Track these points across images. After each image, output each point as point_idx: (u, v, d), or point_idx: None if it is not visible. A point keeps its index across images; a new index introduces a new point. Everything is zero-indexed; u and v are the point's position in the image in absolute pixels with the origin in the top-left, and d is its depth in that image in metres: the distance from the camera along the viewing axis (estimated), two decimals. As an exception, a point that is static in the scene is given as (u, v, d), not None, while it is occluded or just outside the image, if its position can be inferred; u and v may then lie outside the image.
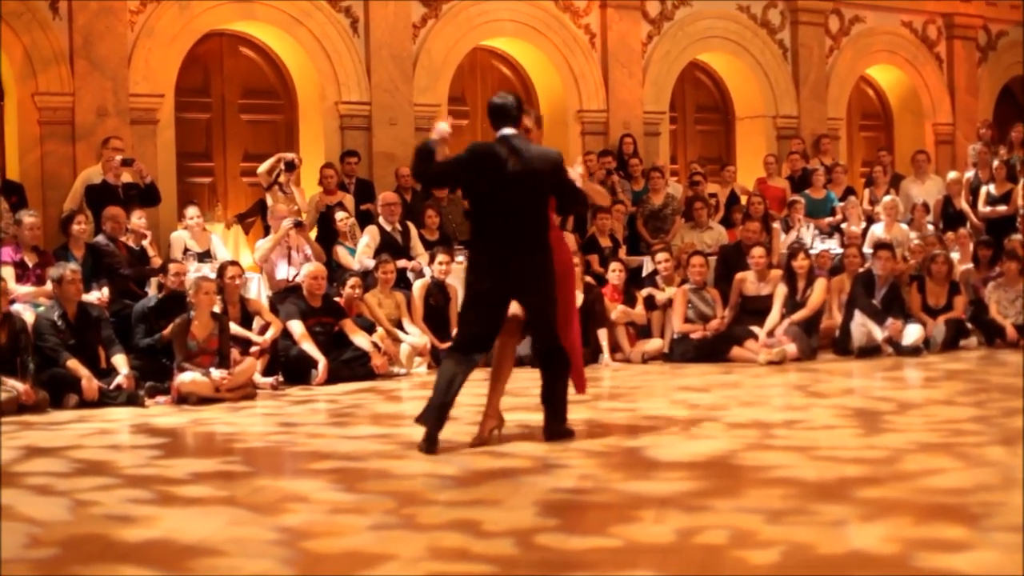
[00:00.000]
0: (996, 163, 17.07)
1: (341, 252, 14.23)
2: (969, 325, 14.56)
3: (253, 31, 16.25)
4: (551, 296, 8.36)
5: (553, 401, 8.49)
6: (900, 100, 21.81)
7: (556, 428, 8.44)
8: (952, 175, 17.75)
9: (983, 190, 16.85)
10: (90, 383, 10.72)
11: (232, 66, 16.35)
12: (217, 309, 11.64)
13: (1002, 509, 6.06)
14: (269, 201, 14.27)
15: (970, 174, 17.56)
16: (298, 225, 13.71)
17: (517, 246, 8.22)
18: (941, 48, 21.80)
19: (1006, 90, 22.89)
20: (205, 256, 13.66)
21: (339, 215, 14.48)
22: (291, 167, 14.33)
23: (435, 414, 8.12)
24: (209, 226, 14.46)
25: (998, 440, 8.13)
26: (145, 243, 13.45)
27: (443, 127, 8.42)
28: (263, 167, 14.36)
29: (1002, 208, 16.47)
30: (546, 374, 8.52)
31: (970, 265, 15.40)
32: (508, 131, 8.34)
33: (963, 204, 17.07)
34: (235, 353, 11.55)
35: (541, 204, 8.33)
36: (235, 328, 11.97)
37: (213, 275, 12.33)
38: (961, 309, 14.36)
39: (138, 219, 13.36)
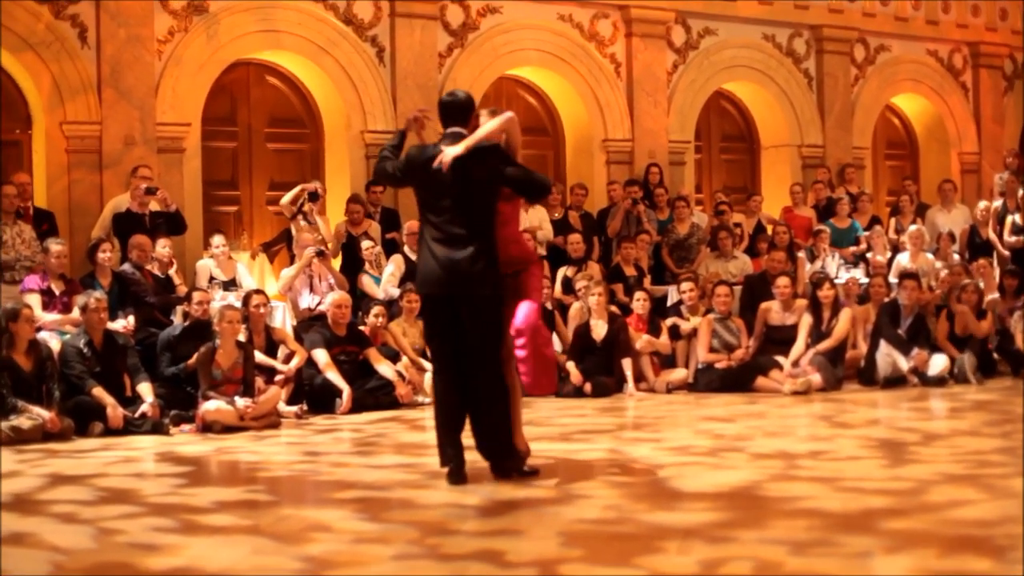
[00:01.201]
0: (1022, 192, 17.01)
1: (366, 281, 14.26)
2: (995, 355, 14.51)
3: (279, 60, 16.33)
4: (491, 310, 7.90)
5: (492, 436, 8.02)
6: (926, 129, 21.77)
7: (504, 465, 7.99)
8: (982, 204, 17.69)
9: (1009, 219, 16.79)
10: (115, 411, 10.74)
11: (258, 95, 16.42)
12: (242, 338, 11.67)
13: (1028, 542, 6.03)
14: (294, 230, 14.31)
15: (997, 203, 17.50)
16: (320, 254, 13.74)
17: (453, 251, 7.84)
18: (967, 77, 21.76)
19: (1032, 119, 22.84)
20: (231, 285, 13.69)
21: (364, 244, 14.50)
22: (315, 197, 14.38)
23: (441, 449, 7.96)
24: (235, 255, 14.49)
25: (1024, 472, 8.09)
26: (171, 271, 13.50)
27: (415, 115, 8.27)
28: (286, 198, 14.41)
29: (1028, 237, 16.42)
30: (474, 408, 7.94)
31: (995, 295, 15.34)
32: (453, 130, 8.09)
33: (990, 233, 17.01)
34: (260, 382, 11.56)
35: (479, 205, 7.91)
36: (260, 357, 11.99)
37: (238, 304, 12.36)
38: (985, 332, 14.32)
39: (163, 247, 13.40)
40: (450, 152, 7.85)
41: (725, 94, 19.85)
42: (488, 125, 8.02)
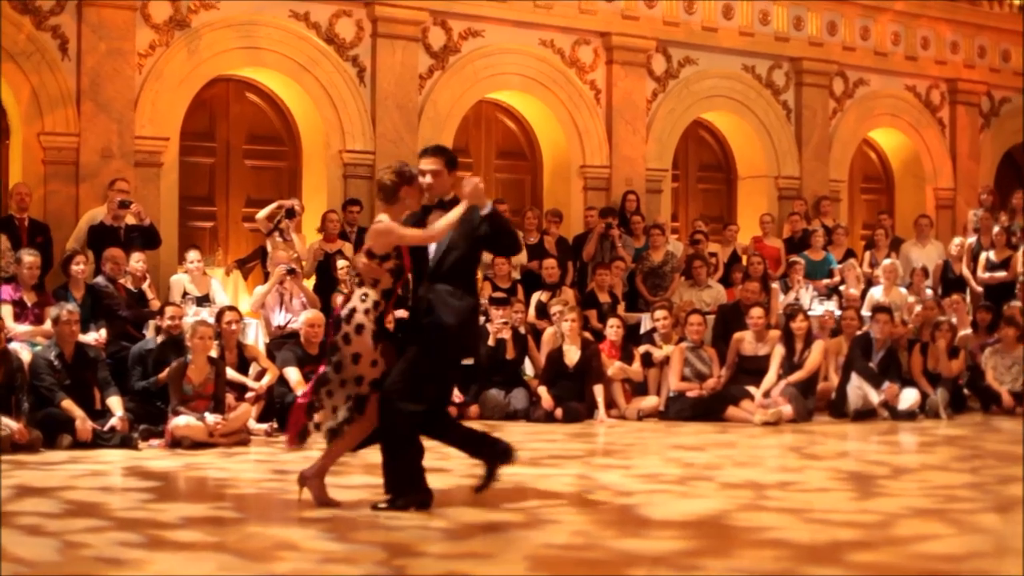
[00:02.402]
0: (997, 229, 17.09)
1: (340, 300, 14.21)
2: (966, 391, 14.58)
3: (260, 77, 16.32)
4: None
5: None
6: (902, 164, 21.85)
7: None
8: (956, 240, 17.77)
9: (983, 256, 16.87)
10: (84, 424, 10.71)
11: (238, 112, 16.42)
12: (214, 354, 11.64)
13: (994, 578, 6.05)
14: (269, 247, 14.29)
15: (971, 239, 17.59)
16: (291, 272, 13.72)
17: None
18: (944, 113, 21.87)
19: (1008, 156, 22.94)
20: (204, 300, 13.66)
21: (339, 263, 14.48)
22: (292, 214, 14.37)
23: (423, 483, 7.95)
24: (209, 271, 14.46)
25: (992, 507, 8.12)
26: (144, 286, 13.46)
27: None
28: (262, 213, 14.38)
29: (1001, 274, 16.49)
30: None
31: (968, 331, 15.40)
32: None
33: (963, 269, 17.09)
34: (230, 398, 11.54)
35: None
36: (231, 373, 11.96)
37: (211, 319, 12.33)
38: (956, 371, 14.39)
39: (137, 261, 13.37)
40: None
41: (703, 124, 19.91)
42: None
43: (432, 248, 7.96)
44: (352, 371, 7.82)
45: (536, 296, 15.21)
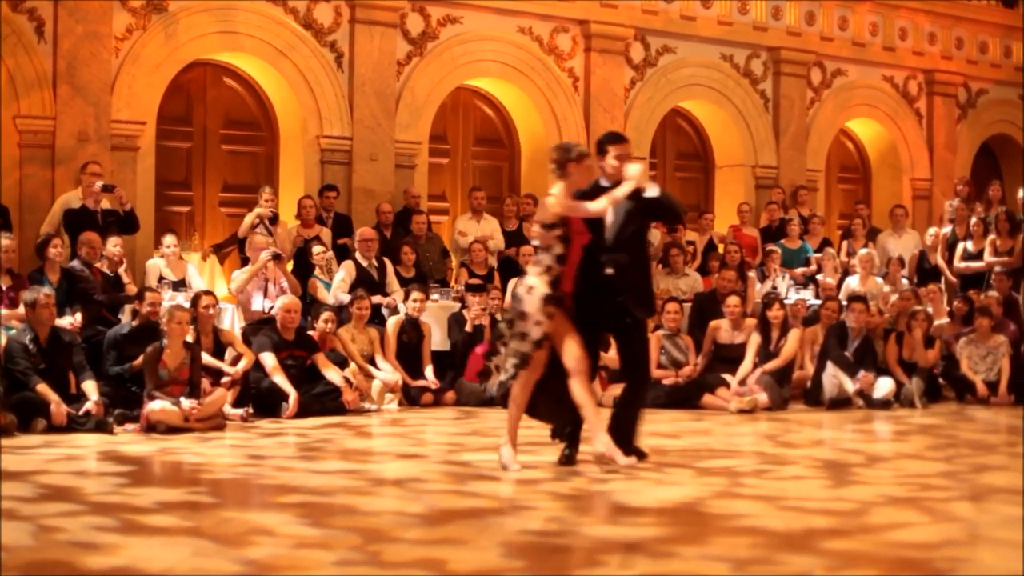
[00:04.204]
0: (973, 220, 17.15)
1: (317, 286, 14.22)
2: (941, 380, 14.63)
3: (238, 62, 16.28)
4: None
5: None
6: (879, 154, 21.91)
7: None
8: (931, 230, 17.83)
9: (959, 246, 16.92)
10: (59, 408, 10.67)
11: (215, 96, 16.37)
12: (190, 339, 11.61)
13: (967, 565, 6.06)
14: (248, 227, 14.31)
15: (947, 230, 17.65)
16: (276, 257, 13.70)
17: None
18: (921, 104, 21.93)
19: (984, 147, 23.03)
20: (180, 285, 13.62)
21: (316, 249, 14.47)
22: (274, 221, 14.37)
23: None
24: (186, 255, 14.43)
25: (965, 496, 8.16)
26: (120, 270, 13.42)
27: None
28: (244, 226, 14.39)
29: (977, 264, 16.54)
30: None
31: (944, 320, 15.45)
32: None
33: (939, 260, 17.14)
34: (206, 383, 11.52)
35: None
36: (207, 358, 11.94)
37: (187, 304, 12.30)
38: (931, 361, 14.45)
39: (113, 246, 13.33)
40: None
41: (681, 112, 19.93)
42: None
43: (608, 221, 8.86)
44: (520, 327, 8.60)
45: (513, 283, 15.18)
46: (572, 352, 8.64)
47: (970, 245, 16.82)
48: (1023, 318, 15.52)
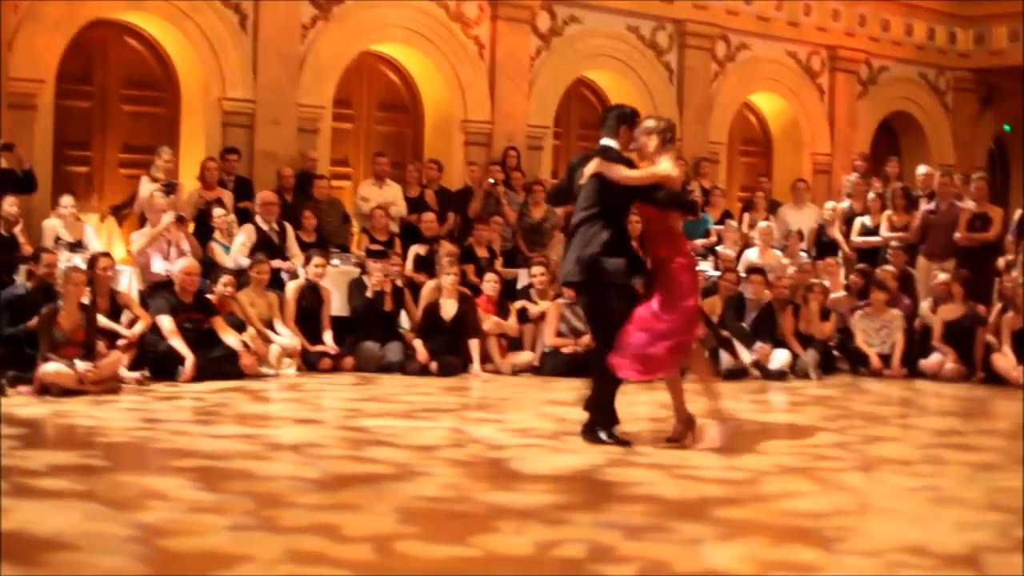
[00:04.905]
0: (871, 195, 17.36)
1: (216, 249, 14.10)
2: (836, 353, 14.82)
3: (140, 22, 16.05)
4: None
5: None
6: (781, 128, 22.09)
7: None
8: (829, 204, 18.01)
9: (857, 221, 17.12)
10: (-49, 369, 10.52)
11: (117, 56, 16.13)
12: (86, 300, 11.48)
13: (856, 534, 6.17)
14: (144, 192, 14.12)
15: (844, 204, 17.85)
16: (180, 220, 13.57)
17: None
18: (824, 79, 22.12)
19: (884, 124, 23.30)
20: (77, 246, 13.44)
21: (216, 212, 14.35)
22: (172, 190, 14.14)
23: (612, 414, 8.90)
24: (84, 216, 14.24)
25: (857, 466, 8.28)
26: (16, 230, 13.22)
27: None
28: (142, 198, 14.19)
29: (874, 239, 16.74)
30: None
31: (840, 293, 15.64)
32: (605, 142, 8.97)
33: (836, 233, 17.32)
34: (101, 346, 11.40)
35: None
36: (103, 320, 11.82)
37: (84, 266, 12.15)
38: (826, 333, 14.63)
39: (10, 206, 13.12)
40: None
41: (587, 82, 19.96)
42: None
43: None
44: None
45: (414, 249, 15.18)
46: None
47: (867, 220, 17.02)
48: (917, 293, 15.75)
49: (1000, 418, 11.86)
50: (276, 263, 13.96)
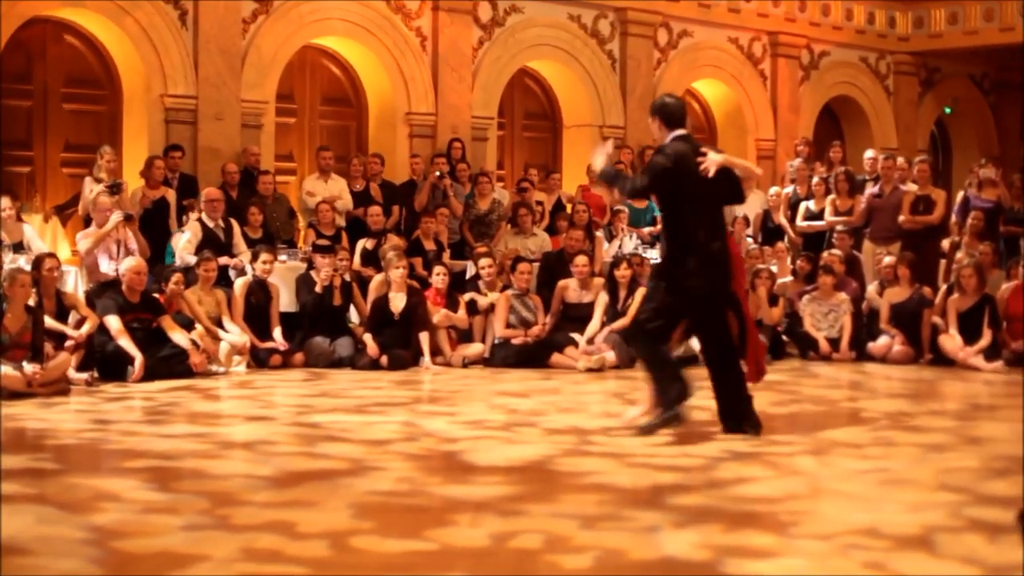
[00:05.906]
0: (815, 180, 17.45)
1: (162, 247, 14.02)
2: (784, 337, 14.89)
3: (79, 19, 15.93)
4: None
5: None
6: (724, 115, 22.20)
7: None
8: (773, 190, 18.10)
9: (802, 206, 17.21)
10: None
11: (56, 54, 16.01)
12: (32, 302, 11.38)
13: (809, 517, 6.21)
14: (87, 191, 14.01)
15: (788, 189, 17.95)
16: (128, 219, 13.48)
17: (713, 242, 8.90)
18: (766, 65, 22.24)
19: (827, 109, 23.46)
20: (18, 247, 13.33)
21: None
22: (117, 190, 14.00)
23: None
24: (28, 217, 14.12)
25: (808, 451, 8.33)
26: (-44, 232, 13.11)
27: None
28: (86, 201, 14.06)
29: (819, 224, 16.84)
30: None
31: (788, 278, 15.72)
32: (682, 132, 9.18)
33: (781, 219, 17.41)
34: (49, 347, 11.30)
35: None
36: (50, 322, 11.71)
37: (29, 267, 12.05)
38: (775, 319, 14.70)
39: (-49, 209, 13.02)
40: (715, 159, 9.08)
41: (529, 72, 19.98)
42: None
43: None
44: None
45: (361, 243, 15.14)
46: None
47: (812, 204, 17.11)
48: (864, 276, 15.85)
49: (948, 399, 11.94)
50: (223, 260, 13.89)
